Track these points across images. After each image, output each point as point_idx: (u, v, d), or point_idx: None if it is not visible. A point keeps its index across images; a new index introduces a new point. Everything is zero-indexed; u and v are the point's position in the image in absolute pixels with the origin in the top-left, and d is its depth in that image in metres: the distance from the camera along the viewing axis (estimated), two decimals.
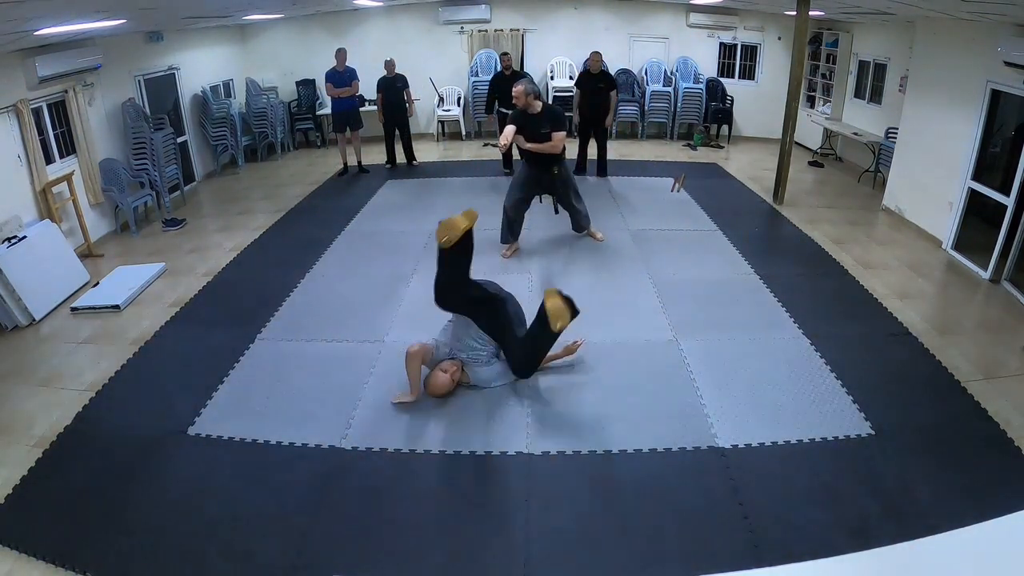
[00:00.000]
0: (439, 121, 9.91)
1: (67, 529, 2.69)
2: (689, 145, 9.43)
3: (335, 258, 5.51)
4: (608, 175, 7.63)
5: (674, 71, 9.82)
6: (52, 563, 2.53)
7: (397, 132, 8.26)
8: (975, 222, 5.37)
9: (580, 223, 5.62)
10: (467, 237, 3.25)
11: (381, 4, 9.13)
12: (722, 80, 9.84)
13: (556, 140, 5.05)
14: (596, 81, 7.24)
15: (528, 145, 5.06)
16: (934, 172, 5.81)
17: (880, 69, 7.68)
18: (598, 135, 7.52)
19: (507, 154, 7.72)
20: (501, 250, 5.43)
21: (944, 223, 5.59)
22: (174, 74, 7.70)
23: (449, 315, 3.56)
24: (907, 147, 6.35)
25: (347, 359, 3.91)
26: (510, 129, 4.75)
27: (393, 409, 3.42)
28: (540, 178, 5.34)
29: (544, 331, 3.28)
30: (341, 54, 7.75)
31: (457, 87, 9.79)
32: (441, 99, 9.62)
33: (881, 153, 7.31)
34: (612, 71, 9.78)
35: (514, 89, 4.99)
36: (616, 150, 9.02)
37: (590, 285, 4.81)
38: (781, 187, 6.86)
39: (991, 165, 5.30)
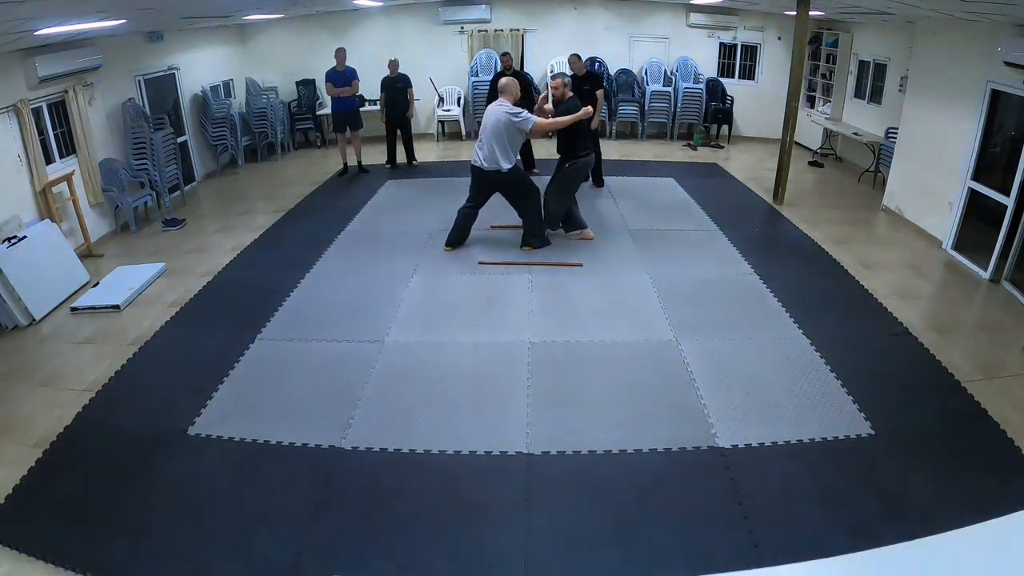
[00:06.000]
0: (439, 121, 9.91)
1: (67, 529, 2.69)
2: (689, 145, 9.43)
3: (335, 258, 5.50)
4: (603, 184, 7.35)
5: (674, 71, 9.82)
6: (52, 563, 2.53)
7: (399, 131, 8.26)
8: (975, 222, 5.37)
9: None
10: None
11: (381, 4, 9.13)
12: (722, 80, 9.85)
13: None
14: (581, 83, 7.07)
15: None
16: (934, 172, 5.81)
17: (880, 69, 7.68)
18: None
19: None
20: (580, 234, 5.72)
21: (944, 223, 5.59)
22: (174, 74, 7.70)
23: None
24: (907, 147, 6.34)
25: (347, 359, 3.91)
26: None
27: (393, 409, 3.42)
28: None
29: None
30: (341, 54, 7.75)
31: (457, 87, 9.80)
32: (441, 99, 9.62)
33: (881, 153, 7.31)
34: (612, 71, 9.81)
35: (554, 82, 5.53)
36: (616, 150, 9.05)
37: (590, 285, 4.82)
38: (781, 187, 6.87)
39: (991, 165, 5.30)
